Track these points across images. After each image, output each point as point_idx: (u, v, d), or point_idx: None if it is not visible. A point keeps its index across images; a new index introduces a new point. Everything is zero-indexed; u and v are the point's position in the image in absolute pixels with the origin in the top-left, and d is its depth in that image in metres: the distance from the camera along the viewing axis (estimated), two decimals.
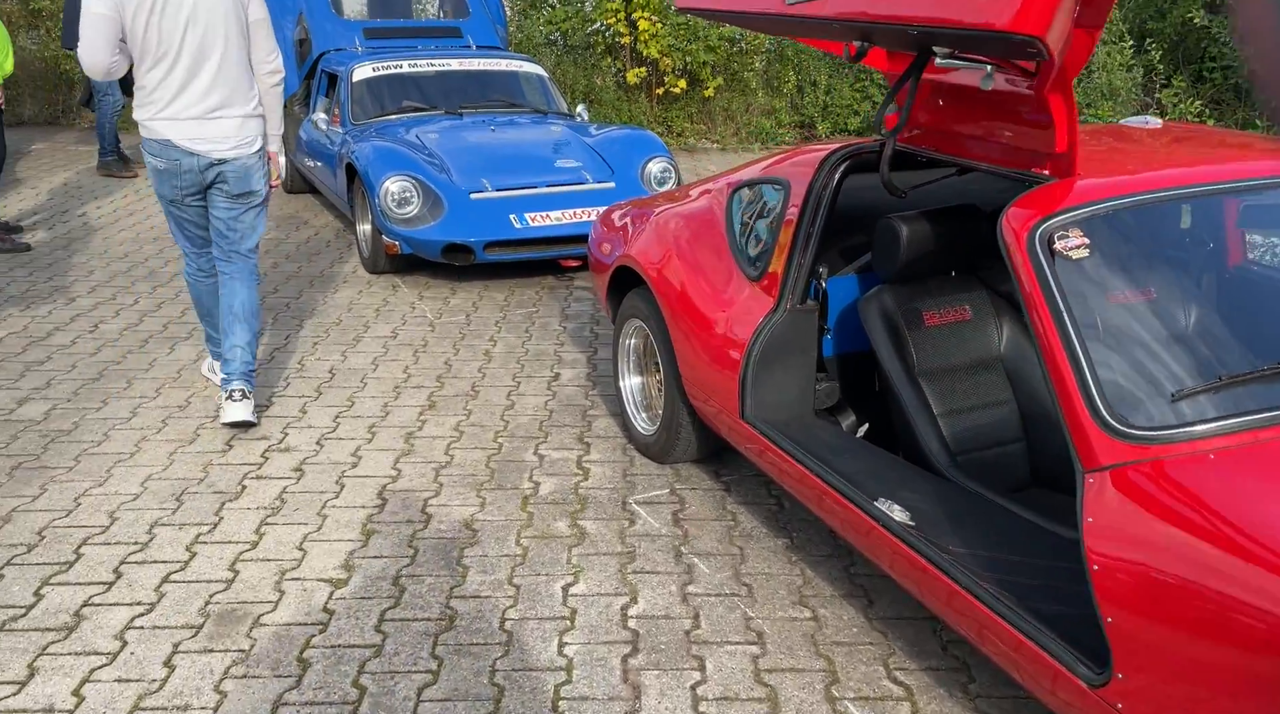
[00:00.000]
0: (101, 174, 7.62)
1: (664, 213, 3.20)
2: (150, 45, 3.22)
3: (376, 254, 5.17)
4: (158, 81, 3.26)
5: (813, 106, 9.21)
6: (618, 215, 3.57)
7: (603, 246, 3.53)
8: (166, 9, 3.21)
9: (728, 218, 2.87)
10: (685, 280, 2.88)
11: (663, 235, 3.09)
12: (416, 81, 6.15)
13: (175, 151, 3.30)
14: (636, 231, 3.30)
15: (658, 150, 5.53)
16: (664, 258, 3.02)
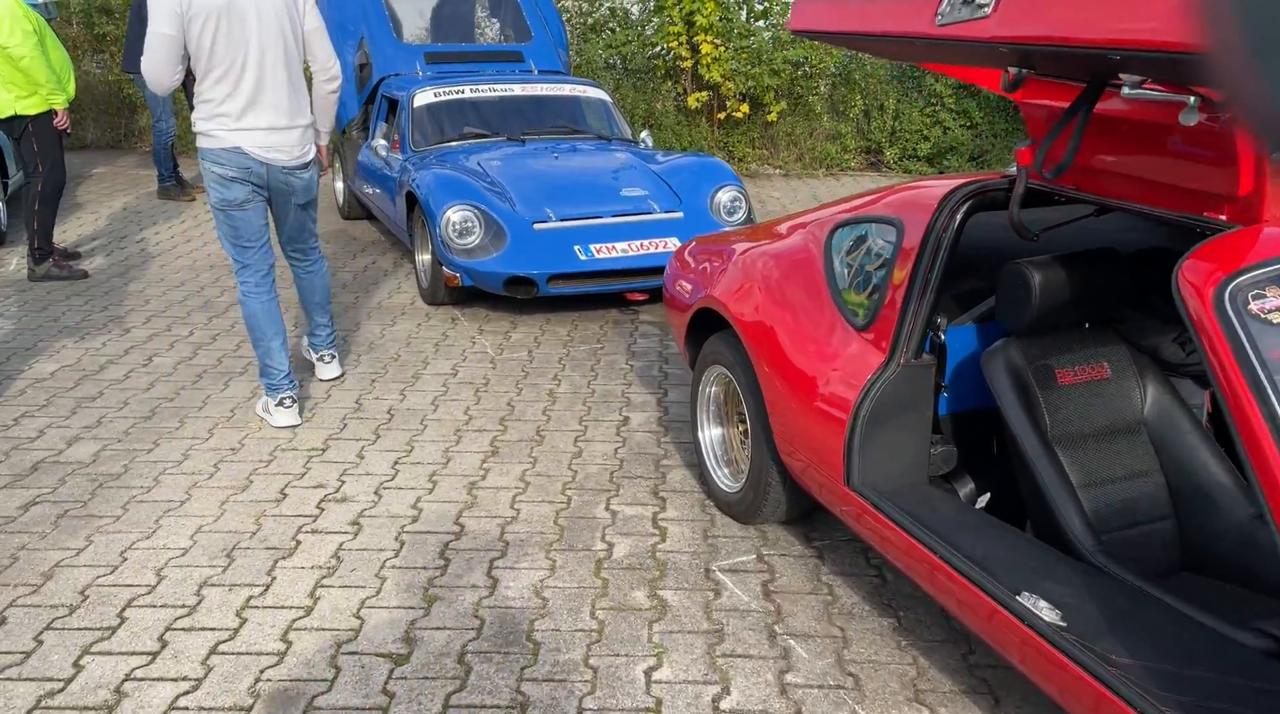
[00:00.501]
0: (161, 198, 7.59)
1: (752, 251, 2.96)
2: (217, 60, 3.33)
3: (436, 285, 4.99)
4: (226, 95, 3.37)
5: (880, 131, 8.92)
6: (697, 252, 3.34)
7: (681, 285, 3.29)
8: (231, 24, 3.33)
9: (827, 259, 2.61)
10: (779, 328, 2.62)
11: (752, 276, 2.84)
12: (478, 107, 6.00)
13: (245, 158, 3.42)
14: (720, 271, 3.05)
15: (727, 178, 5.29)
16: (753, 301, 2.77)
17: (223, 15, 3.30)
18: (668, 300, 3.43)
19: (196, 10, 3.27)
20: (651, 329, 4.79)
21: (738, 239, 3.22)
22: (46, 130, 5.25)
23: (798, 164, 9.05)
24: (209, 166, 3.43)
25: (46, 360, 4.23)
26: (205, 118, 3.39)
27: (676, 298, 3.31)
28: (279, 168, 3.49)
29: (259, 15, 3.38)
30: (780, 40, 8.79)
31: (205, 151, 3.43)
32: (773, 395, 2.62)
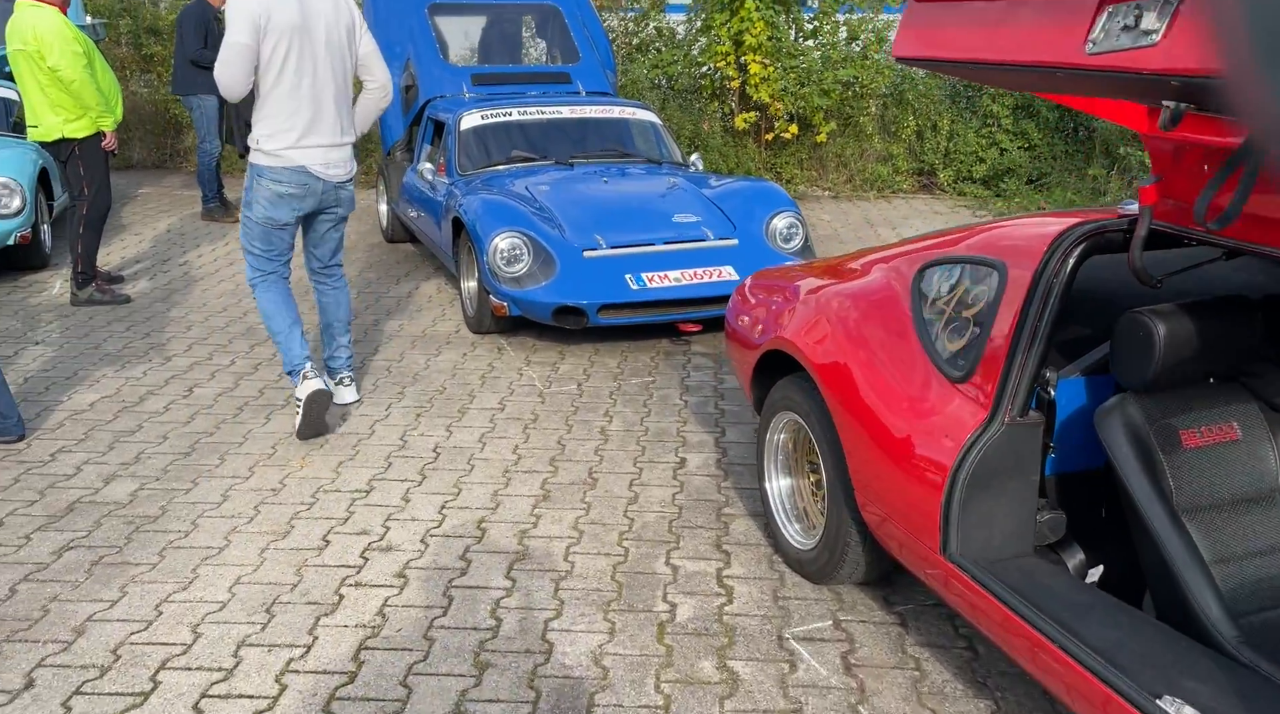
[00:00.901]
0: (205, 219, 7.55)
1: (826, 290, 2.75)
2: (288, 77, 3.42)
3: (482, 314, 4.83)
4: (292, 111, 3.45)
5: (933, 153, 8.68)
6: (763, 287, 3.14)
7: (745, 322, 3.10)
8: (304, 43, 3.42)
9: (915, 303, 2.40)
10: (862, 376, 2.41)
11: (828, 317, 2.64)
12: (526, 130, 5.86)
13: (307, 176, 3.53)
14: (790, 309, 2.85)
15: (783, 204, 5.10)
16: (831, 345, 2.57)
17: (297, 33, 3.39)
18: (730, 337, 3.24)
19: (274, 25, 3.36)
20: (705, 362, 4.59)
21: (807, 274, 3.03)
22: (94, 153, 5.19)
23: (847, 186, 8.83)
24: (267, 183, 3.49)
25: (86, 390, 4.12)
26: (269, 134, 3.45)
27: (741, 336, 3.12)
28: (334, 183, 3.63)
29: (327, 36, 3.49)
30: (830, 59, 8.60)
31: (266, 169, 3.48)
32: (854, 450, 2.41)
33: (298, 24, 3.39)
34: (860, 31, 8.73)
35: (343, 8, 3.58)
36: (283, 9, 3.37)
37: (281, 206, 3.55)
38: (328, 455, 3.56)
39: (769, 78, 8.39)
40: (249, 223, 3.61)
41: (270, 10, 3.34)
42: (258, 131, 3.48)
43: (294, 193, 3.52)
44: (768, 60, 8.41)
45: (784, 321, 2.83)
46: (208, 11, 7.16)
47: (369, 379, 4.33)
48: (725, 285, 4.61)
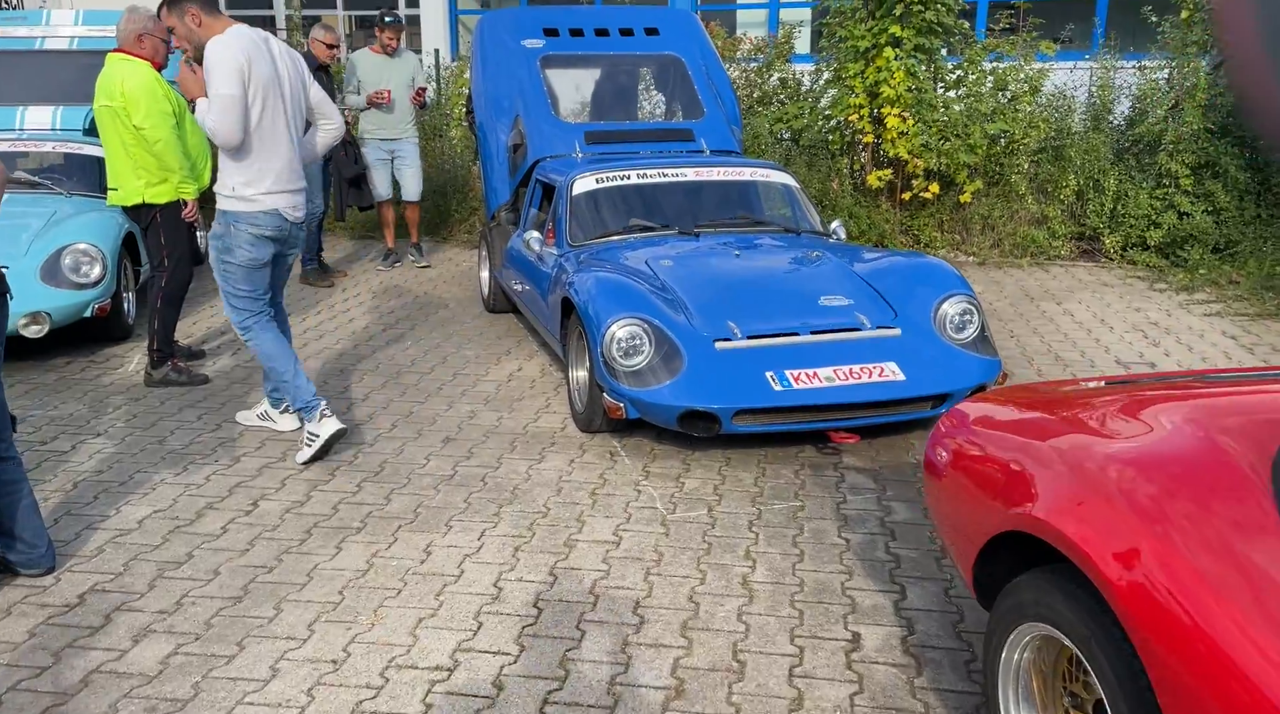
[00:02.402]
0: (302, 282, 7.13)
1: (1102, 450, 1.92)
2: (264, 126, 3.67)
3: (592, 410, 4.12)
4: (267, 159, 3.70)
5: (1097, 215, 7.68)
6: (984, 423, 2.32)
7: (963, 480, 2.28)
8: (275, 94, 3.68)
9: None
10: (1197, 598, 1.57)
11: (1116, 496, 1.80)
12: (645, 194, 5.19)
13: (280, 219, 3.81)
14: (1040, 470, 2.02)
15: (954, 285, 4.25)
16: (1132, 542, 1.73)
17: (272, 84, 3.67)
18: (936, 489, 2.42)
19: (255, 76, 3.59)
20: (864, 481, 3.76)
21: (1050, 414, 2.20)
22: (175, 222, 4.73)
23: (995, 251, 7.89)
24: (245, 228, 3.73)
25: (138, 501, 3.56)
26: (245, 183, 3.69)
27: (954, 495, 2.30)
28: (297, 222, 3.91)
29: (290, 88, 3.78)
30: (977, 112, 7.73)
31: (243, 214, 3.72)
32: (1183, 702, 1.56)
33: (272, 76, 3.66)
34: (1010, 80, 7.85)
35: (298, 60, 3.89)
36: (260, 61, 3.62)
37: (261, 247, 3.79)
38: (405, 608, 2.86)
39: (908, 132, 7.58)
40: (231, 268, 3.79)
41: (252, 62, 3.57)
42: (234, 179, 3.69)
43: (270, 235, 3.78)
44: (907, 113, 7.61)
45: (1032, 490, 2.00)
46: (307, 64, 6.77)
47: (461, 492, 3.65)
48: (889, 387, 3.79)
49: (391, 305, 6.49)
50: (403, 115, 7.27)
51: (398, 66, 7.19)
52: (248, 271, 3.80)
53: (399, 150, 7.34)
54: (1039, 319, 6.13)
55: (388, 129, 7.24)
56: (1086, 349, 5.48)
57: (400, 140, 7.31)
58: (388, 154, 7.33)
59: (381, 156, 7.33)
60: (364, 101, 7.11)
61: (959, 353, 4.04)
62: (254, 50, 3.62)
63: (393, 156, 7.36)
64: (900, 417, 3.92)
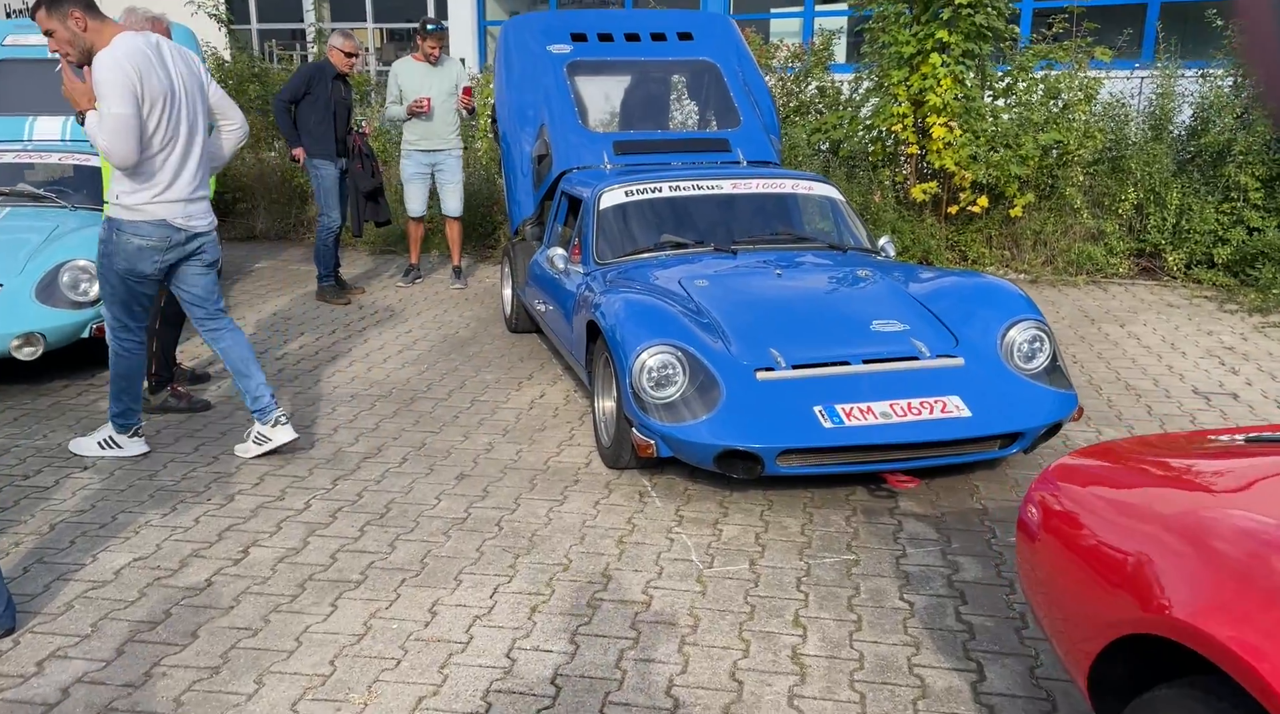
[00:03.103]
0: (318, 300, 6.82)
1: (1263, 532, 1.51)
2: (157, 141, 3.53)
3: (620, 445, 3.74)
4: (155, 171, 3.57)
5: (1158, 231, 7.20)
6: (1096, 484, 1.91)
7: (1063, 549, 1.87)
8: (171, 106, 3.53)
9: None
10: None
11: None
12: (678, 208, 4.82)
13: (168, 228, 3.65)
14: (1171, 547, 1.62)
15: (1021, 309, 3.83)
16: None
17: (167, 97, 3.51)
18: (1033, 567, 2.01)
19: (148, 92, 3.44)
20: (925, 530, 3.35)
21: (1180, 481, 1.79)
22: None
23: (1047, 268, 7.43)
24: (129, 237, 3.59)
25: (118, 548, 3.22)
26: (130, 192, 3.55)
27: (1057, 577, 1.89)
28: (193, 232, 3.72)
29: (187, 95, 3.61)
30: (1029, 121, 7.29)
31: (127, 224, 3.58)
32: None
33: (166, 87, 3.50)
34: (1062, 88, 7.41)
35: (194, 63, 3.68)
36: (152, 73, 3.44)
37: (143, 259, 3.63)
38: (404, 683, 2.49)
39: (955, 142, 7.16)
40: (110, 277, 3.67)
41: (143, 76, 3.41)
42: (119, 186, 3.55)
43: (155, 245, 3.62)
44: (954, 122, 7.19)
45: (1167, 581, 1.59)
46: (324, 71, 6.49)
47: (474, 539, 3.28)
48: (953, 425, 3.38)
49: (409, 325, 6.16)
50: (446, 125, 6.94)
51: (440, 75, 6.86)
52: (127, 285, 3.68)
53: (441, 163, 7.00)
54: (1102, 343, 5.68)
55: (431, 140, 6.91)
56: (1159, 377, 5.03)
57: (443, 152, 6.98)
58: (428, 167, 7.00)
59: (421, 170, 7.01)
60: (405, 112, 6.81)
61: (1029, 385, 3.62)
62: (144, 63, 3.43)
63: (434, 169, 7.03)
64: (966, 458, 3.51)
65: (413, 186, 7.08)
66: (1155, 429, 4.30)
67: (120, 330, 3.81)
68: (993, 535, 3.31)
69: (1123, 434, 4.25)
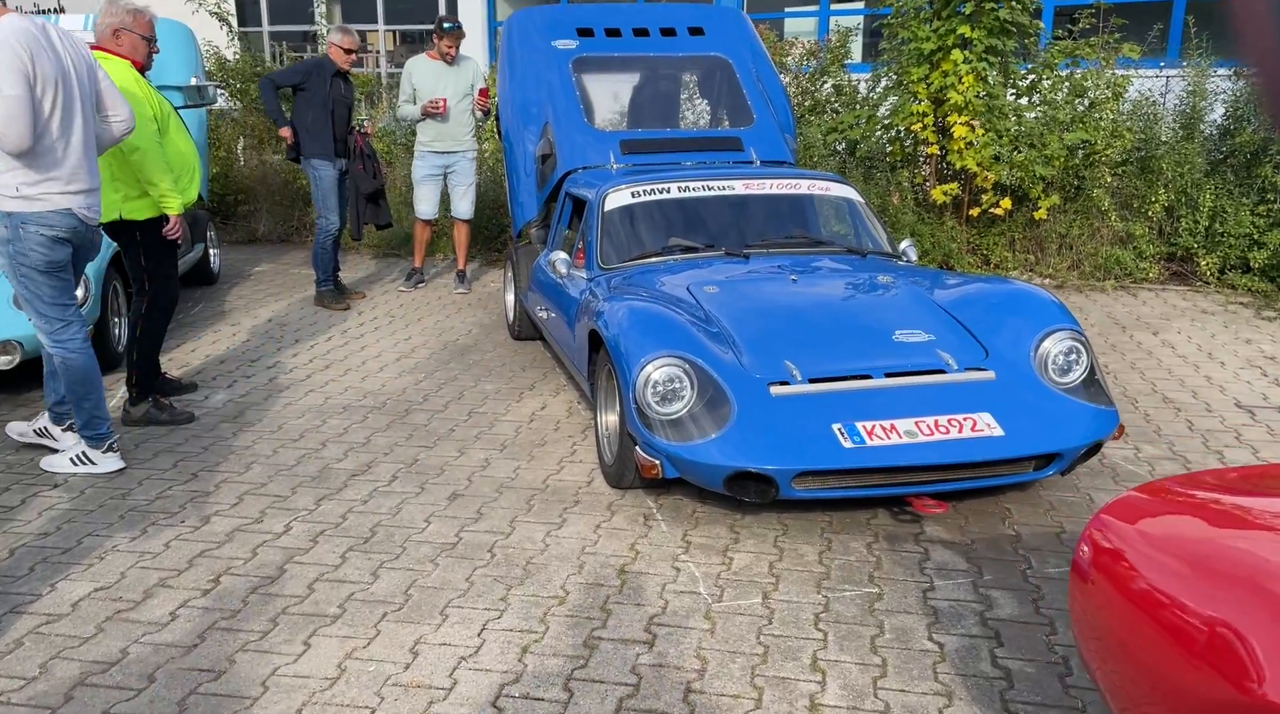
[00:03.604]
0: (316, 305, 6.60)
1: None
2: (53, 126, 3.39)
3: (623, 464, 3.49)
4: (57, 160, 3.43)
5: (1190, 234, 6.90)
6: (1166, 533, 1.65)
7: (1126, 604, 1.61)
8: (66, 92, 3.41)
9: None
10: None
11: None
12: (687, 210, 4.56)
13: (74, 219, 3.53)
14: (1265, 615, 1.35)
15: (1056, 318, 3.56)
16: None
17: (61, 81, 3.39)
18: (1090, 610, 1.75)
19: (40, 74, 3.31)
20: (954, 559, 3.08)
21: (1267, 524, 1.52)
22: (157, 240, 4.19)
23: (1073, 273, 7.13)
24: (36, 230, 3.44)
25: (79, 575, 2.98)
26: (30, 182, 3.40)
27: (1121, 633, 1.63)
28: (91, 225, 3.63)
29: (79, 82, 3.49)
30: (1055, 121, 7.00)
31: (32, 215, 3.42)
32: None
33: (58, 69, 3.38)
34: (1089, 86, 7.12)
35: (85, 52, 3.58)
36: (42, 56, 3.32)
37: (57, 249, 3.52)
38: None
39: (976, 142, 6.88)
40: (29, 274, 3.49)
41: (35, 58, 3.29)
42: (17, 178, 3.39)
43: (63, 236, 3.51)
44: (975, 121, 6.90)
45: (1261, 655, 1.33)
46: (324, 67, 6.27)
47: (464, 567, 3.03)
48: (985, 445, 3.11)
49: (409, 331, 5.93)
50: (461, 127, 6.71)
51: (456, 74, 6.63)
52: (49, 277, 3.52)
53: (455, 165, 6.77)
54: (1135, 352, 5.39)
55: (445, 141, 6.68)
56: (1198, 389, 4.74)
57: (458, 154, 6.75)
58: (440, 169, 6.77)
59: (433, 172, 6.78)
60: (419, 112, 6.58)
61: (1066, 401, 3.34)
62: (34, 43, 3.29)
63: (446, 172, 6.80)
64: (998, 481, 3.24)
65: (424, 188, 6.85)
66: (1197, 446, 4.02)
67: (60, 329, 3.60)
68: (1028, 565, 3.04)
69: (1162, 452, 3.97)
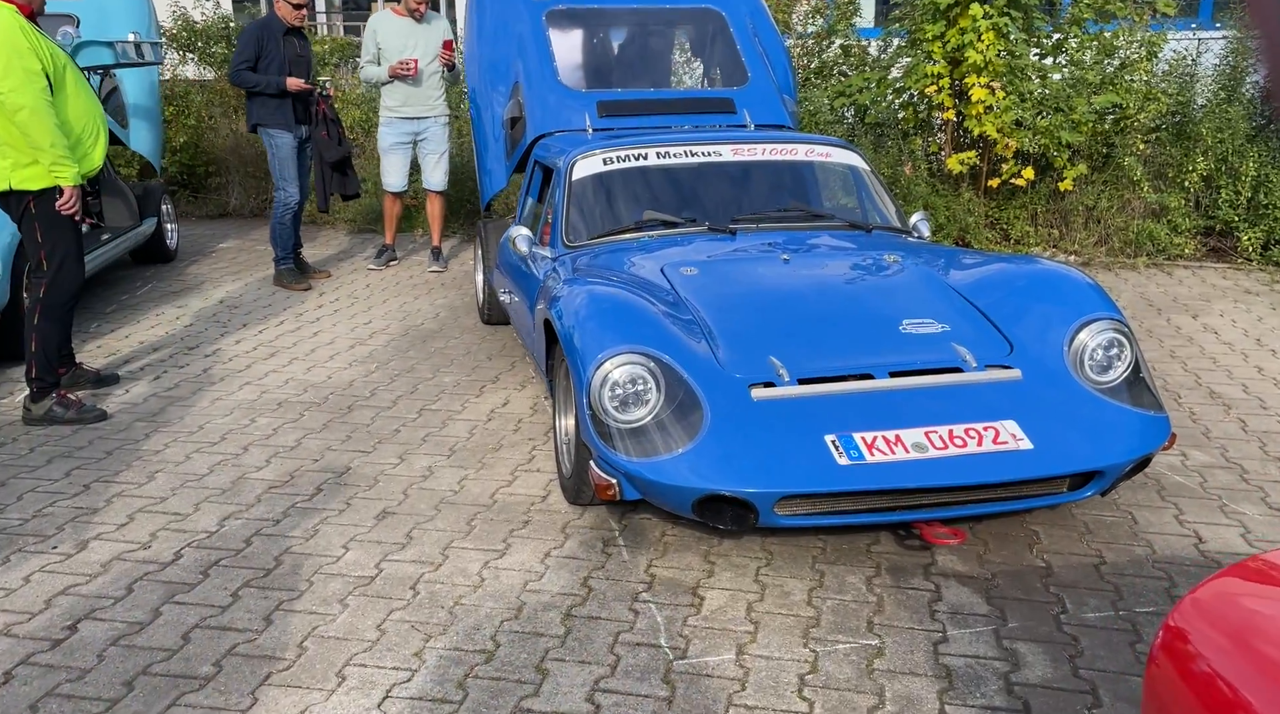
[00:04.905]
0: (275, 285, 6.07)
1: None
2: None
3: (581, 478, 2.95)
4: None
5: (1230, 207, 6.29)
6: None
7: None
8: None
9: None
10: None
11: None
12: (667, 179, 4.00)
13: None
14: None
15: (1093, 304, 2.99)
16: None
17: None
18: (1167, 703, 1.21)
19: None
20: (971, 599, 2.53)
21: None
22: (52, 214, 3.66)
23: (1101, 249, 6.54)
24: None
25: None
26: None
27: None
28: None
29: None
30: (1084, 83, 6.38)
31: None
32: None
33: None
34: (1120, 45, 6.49)
35: None
36: None
37: None
38: None
39: (997, 106, 6.26)
40: None
41: None
42: None
43: None
44: (996, 83, 6.28)
45: None
46: (271, 27, 5.70)
47: (377, 610, 2.51)
48: (1010, 461, 2.56)
49: (370, 315, 5.40)
50: (433, 89, 6.13)
51: (426, 33, 6.03)
52: None
53: (425, 132, 6.19)
54: (1174, 338, 4.82)
55: (414, 105, 6.11)
56: (1249, 382, 4.17)
57: (428, 119, 6.17)
58: (410, 136, 6.20)
59: (402, 139, 6.20)
60: (385, 73, 6.00)
61: (1107, 405, 2.79)
62: None
63: (416, 139, 6.23)
64: (1025, 504, 2.70)
65: (392, 158, 6.28)
66: (1254, 452, 3.46)
67: None
68: (1061, 608, 2.50)
69: (1214, 459, 3.41)
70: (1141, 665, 2.27)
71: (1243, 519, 2.98)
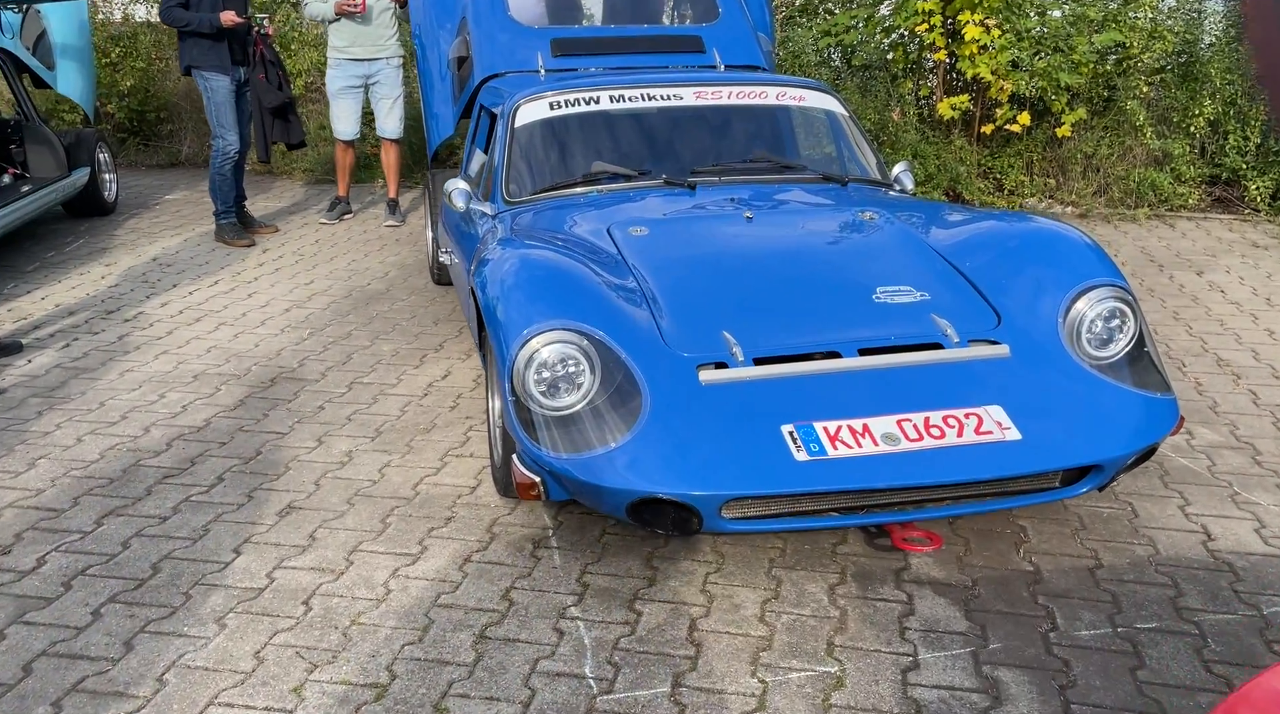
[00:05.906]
0: (217, 241, 5.66)
1: None
2: None
3: (510, 473, 2.59)
4: None
5: (1239, 154, 5.88)
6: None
7: None
8: None
9: None
10: None
11: None
12: (620, 126, 3.58)
13: None
14: None
15: (1091, 269, 2.61)
16: None
17: None
18: None
19: None
20: (948, 613, 2.20)
21: None
22: None
23: (1100, 200, 6.14)
24: None
25: None
26: None
27: None
28: None
29: None
30: (1085, 20, 5.93)
31: None
32: None
33: None
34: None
35: None
36: None
37: None
38: None
39: (993, 46, 5.81)
40: None
41: None
42: None
43: None
44: (990, 21, 5.82)
45: None
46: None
47: (259, 632, 2.16)
48: (994, 455, 2.21)
49: (314, 274, 5.00)
50: (384, 27, 5.67)
51: None
52: None
53: (377, 74, 5.74)
54: (1176, 297, 4.46)
55: (363, 46, 5.65)
56: (1259, 347, 3.82)
57: (379, 61, 5.72)
58: (360, 79, 5.75)
59: (352, 83, 5.75)
60: (331, 10, 5.53)
61: (1107, 386, 2.42)
62: None
63: (367, 82, 5.78)
64: (1012, 503, 2.35)
65: (341, 103, 5.83)
66: (1267, 429, 3.12)
67: None
68: (1051, 625, 2.17)
69: (1223, 437, 3.07)
70: (1145, 699, 1.94)
71: (1256, 511, 2.65)
